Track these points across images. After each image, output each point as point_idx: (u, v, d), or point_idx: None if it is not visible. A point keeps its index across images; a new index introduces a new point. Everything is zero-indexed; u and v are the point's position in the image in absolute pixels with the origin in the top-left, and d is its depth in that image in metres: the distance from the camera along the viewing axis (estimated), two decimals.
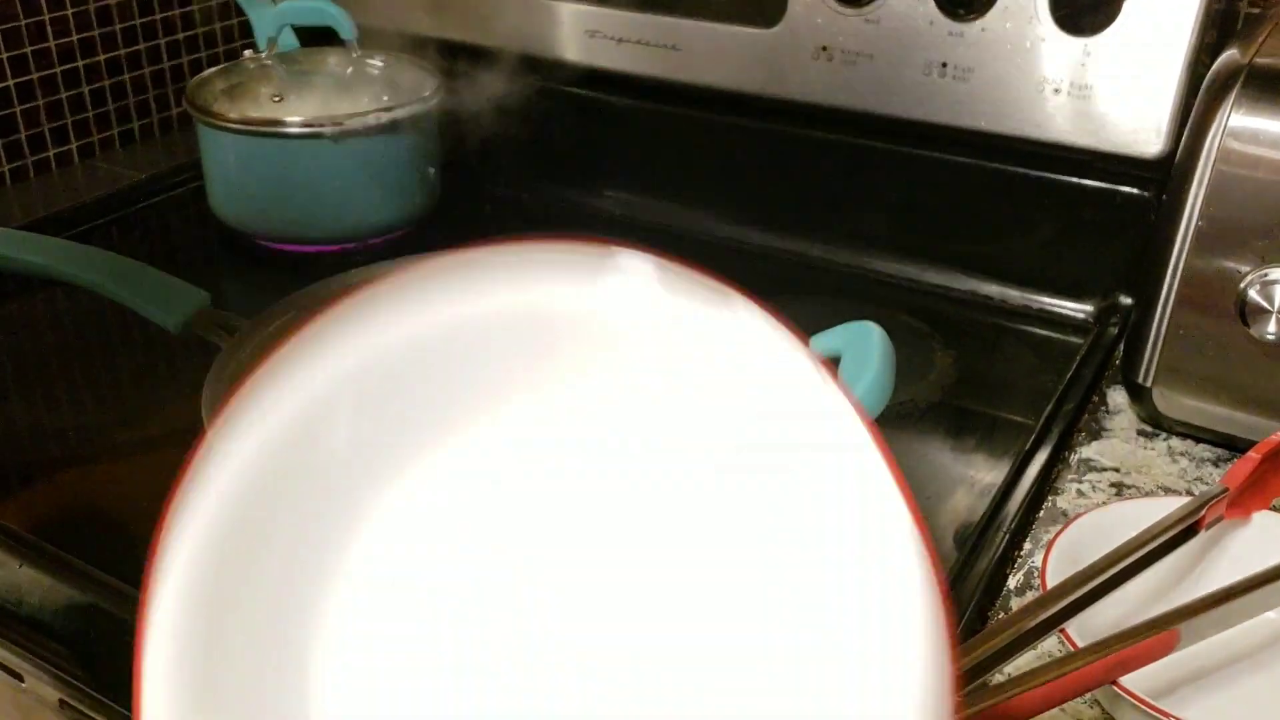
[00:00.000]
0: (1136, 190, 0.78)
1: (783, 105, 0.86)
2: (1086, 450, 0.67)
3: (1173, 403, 0.66)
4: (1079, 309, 0.82)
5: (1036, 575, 0.56)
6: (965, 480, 0.64)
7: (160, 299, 0.66)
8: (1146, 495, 0.63)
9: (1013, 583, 0.56)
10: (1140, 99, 0.74)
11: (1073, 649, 0.44)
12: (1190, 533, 0.51)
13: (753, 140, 0.90)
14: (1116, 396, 0.72)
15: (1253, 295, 0.60)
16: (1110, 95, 0.75)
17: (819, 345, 0.55)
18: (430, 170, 0.92)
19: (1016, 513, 0.60)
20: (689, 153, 0.94)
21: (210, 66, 0.99)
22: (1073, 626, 0.45)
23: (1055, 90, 0.76)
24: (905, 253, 0.87)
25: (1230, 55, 0.63)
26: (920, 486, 0.64)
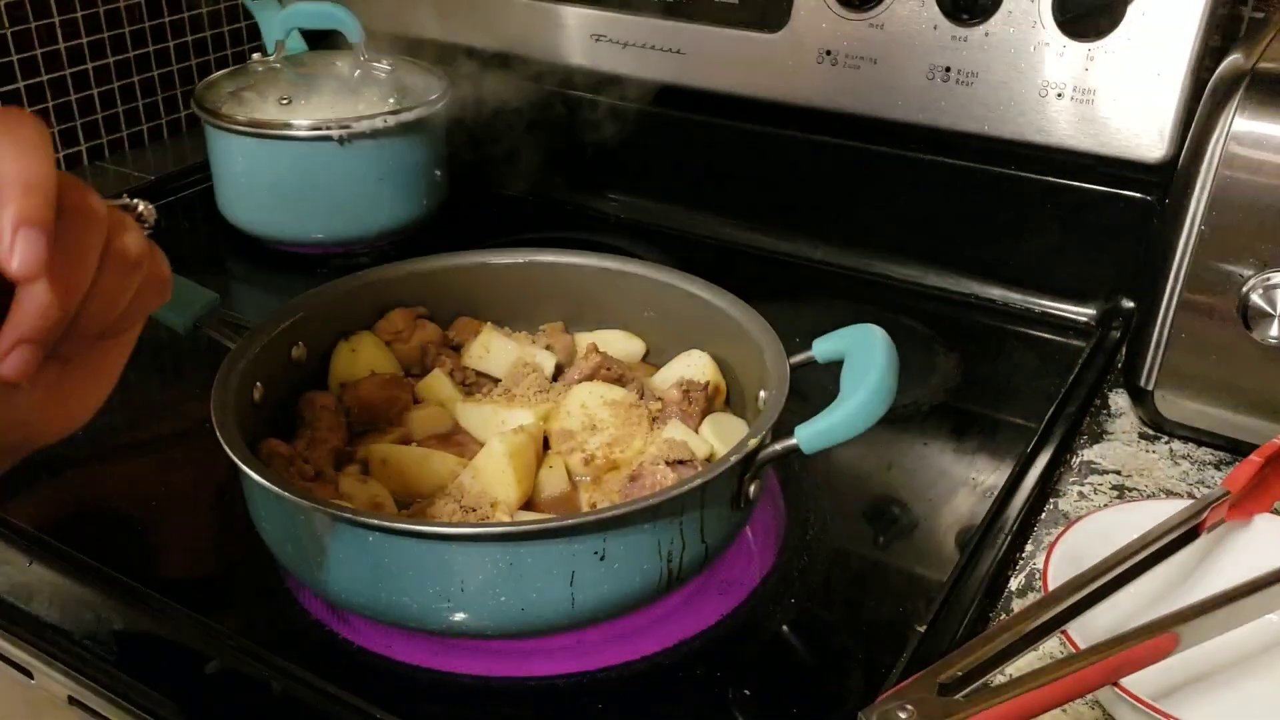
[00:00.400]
0: (1139, 194, 0.78)
1: (786, 109, 0.87)
2: (1088, 453, 0.67)
3: (1174, 406, 0.66)
4: (1081, 312, 0.82)
5: (1038, 577, 0.56)
6: (967, 482, 0.64)
7: (170, 300, 0.66)
8: (1148, 498, 0.63)
9: (1014, 584, 0.57)
10: (1143, 104, 0.74)
11: (1074, 650, 0.45)
12: (1192, 535, 0.51)
13: (756, 144, 0.90)
14: (1118, 399, 0.72)
15: (1255, 299, 0.60)
16: (1113, 100, 0.75)
17: (823, 348, 0.56)
18: (436, 172, 0.92)
19: (1018, 515, 0.60)
20: (693, 156, 0.94)
21: (219, 69, 1.00)
22: (1074, 628, 0.45)
23: (1058, 95, 0.76)
24: (908, 256, 0.87)
25: (1234, 60, 0.64)
26: (922, 488, 0.64)
